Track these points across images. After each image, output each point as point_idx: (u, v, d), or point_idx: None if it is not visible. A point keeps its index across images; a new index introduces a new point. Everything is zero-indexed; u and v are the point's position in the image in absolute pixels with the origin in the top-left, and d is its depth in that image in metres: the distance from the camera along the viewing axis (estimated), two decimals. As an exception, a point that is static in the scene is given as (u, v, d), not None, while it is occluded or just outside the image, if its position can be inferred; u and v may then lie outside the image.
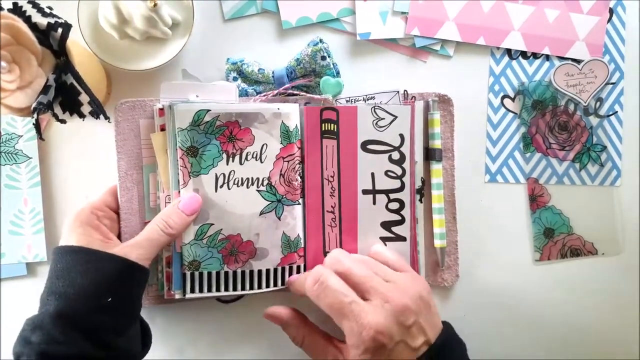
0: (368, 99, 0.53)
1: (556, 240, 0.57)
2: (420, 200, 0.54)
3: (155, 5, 0.47)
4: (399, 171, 0.52)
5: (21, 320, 0.43)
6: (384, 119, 0.52)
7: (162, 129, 0.50)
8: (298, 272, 0.52)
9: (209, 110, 0.49)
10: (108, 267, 0.44)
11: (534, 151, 0.57)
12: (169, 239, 0.48)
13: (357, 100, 0.53)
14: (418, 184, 0.53)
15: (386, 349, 0.43)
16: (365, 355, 0.43)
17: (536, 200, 0.57)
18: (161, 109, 0.50)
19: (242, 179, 0.50)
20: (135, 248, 0.46)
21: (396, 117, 0.52)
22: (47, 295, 0.43)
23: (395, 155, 0.52)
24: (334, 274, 0.46)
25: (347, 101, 0.53)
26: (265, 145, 0.50)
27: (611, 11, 0.57)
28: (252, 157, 0.50)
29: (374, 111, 0.52)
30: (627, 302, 0.58)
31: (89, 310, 0.42)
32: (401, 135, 0.52)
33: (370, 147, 0.52)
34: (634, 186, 0.58)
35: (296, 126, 0.51)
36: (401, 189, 0.52)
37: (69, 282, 0.43)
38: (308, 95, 0.52)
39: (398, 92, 0.53)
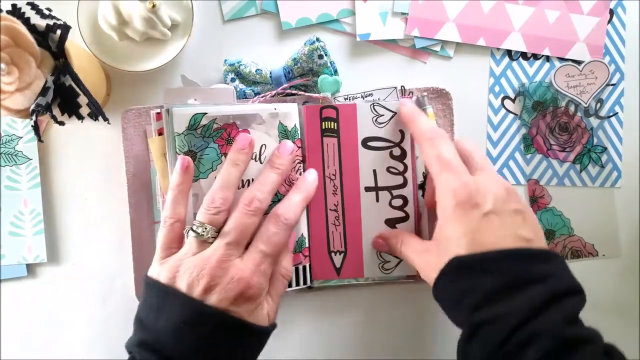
0: (366, 96, 0.53)
1: (557, 241, 0.57)
2: (423, 195, 0.53)
3: (154, 6, 0.47)
4: (400, 167, 0.52)
5: (21, 320, 0.43)
6: (383, 115, 0.51)
7: (160, 133, 0.50)
8: (304, 272, 0.52)
9: (205, 114, 0.48)
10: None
11: (534, 152, 0.57)
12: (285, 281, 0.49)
13: (355, 98, 0.53)
14: (420, 179, 0.53)
15: (478, 210, 0.39)
16: (455, 211, 0.40)
17: (537, 201, 0.57)
18: (158, 114, 0.50)
19: (242, 180, 0.50)
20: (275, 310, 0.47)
21: (395, 113, 0.51)
22: None
23: (396, 152, 0.52)
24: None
25: (345, 99, 0.53)
26: (264, 146, 0.50)
27: (611, 12, 0.57)
28: (251, 158, 0.50)
29: (373, 108, 0.51)
30: (627, 302, 0.58)
31: None
32: (401, 131, 0.51)
33: (370, 144, 0.52)
34: (635, 187, 0.57)
35: (295, 125, 0.51)
36: (404, 185, 0.52)
37: None
38: (307, 94, 0.52)
39: (395, 88, 0.53)
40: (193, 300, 0.41)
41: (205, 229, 0.44)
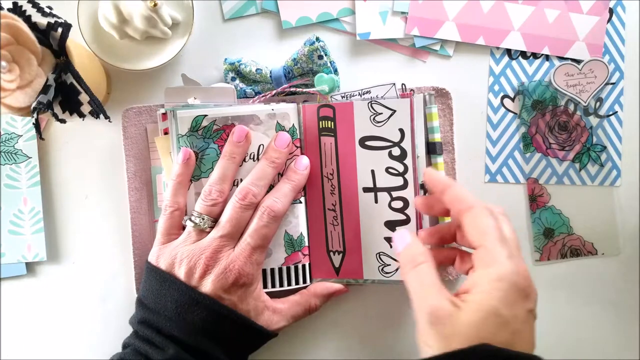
0: (364, 93, 0.52)
1: (556, 240, 0.57)
2: (425, 194, 0.52)
3: (155, 5, 0.47)
4: (400, 168, 0.50)
5: (21, 320, 0.43)
6: (381, 113, 0.50)
7: (166, 132, 0.51)
8: (303, 272, 0.52)
9: (206, 116, 0.49)
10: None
11: (533, 151, 0.57)
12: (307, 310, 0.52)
13: (353, 96, 0.52)
14: (421, 179, 0.52)
15: (526, 304, 0.37)
16: (509, 295, 0.36)
17: (536, 200, 0.57)
18: (164, 114, 0.51)
19: (241, 180, 0.50)
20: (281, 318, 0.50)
21: (395, 111, 0.50)
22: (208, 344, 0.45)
23: (396, 151, 0.50)
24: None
25: (342, 97, 0.52)
26: (261, 146, 0.50)
27: (611, 11, 0.57)
28: (250, 158, 0.50)
29: (371, 106, 0.50)
30: (627, 302, 0.58)
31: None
32: (401, 130, 0.50)
33: (368, 143, 0.51)
34: (634, 186, 0.57)
35: (293, 125, 0.51)
36: (404, 186, 0.50)
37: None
38: (305, 90, 0.52)
39: (394, 84, 0.51)
40: (189, 288, 0.45)
41: (203, 219, 0.47)
